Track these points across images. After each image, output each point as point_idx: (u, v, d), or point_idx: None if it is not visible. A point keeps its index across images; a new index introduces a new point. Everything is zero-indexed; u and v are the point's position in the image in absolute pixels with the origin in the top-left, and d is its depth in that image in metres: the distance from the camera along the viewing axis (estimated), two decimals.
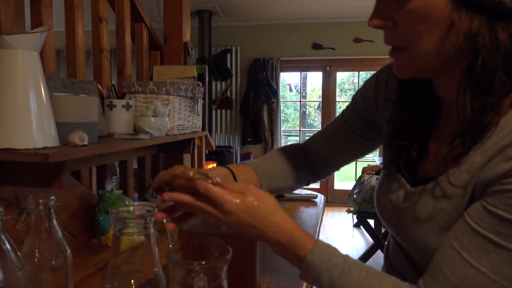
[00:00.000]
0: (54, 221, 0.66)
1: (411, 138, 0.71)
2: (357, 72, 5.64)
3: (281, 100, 5.50)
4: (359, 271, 0.61)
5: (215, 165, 4.80)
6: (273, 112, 5.34)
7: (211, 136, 3.32)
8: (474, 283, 0.55)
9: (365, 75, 5.82)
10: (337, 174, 5.78)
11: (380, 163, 3.95)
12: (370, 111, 0.85)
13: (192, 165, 1.97)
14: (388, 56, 0.76)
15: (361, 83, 0.97)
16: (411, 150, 0.71)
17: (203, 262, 0.55)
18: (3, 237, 0.56)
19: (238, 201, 0.60)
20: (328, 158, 0.97)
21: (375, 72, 0.86)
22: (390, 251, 0.82)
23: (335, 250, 0.63)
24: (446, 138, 0.65)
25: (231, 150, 4.91)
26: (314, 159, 0.97)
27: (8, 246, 0.56)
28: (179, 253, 0.62)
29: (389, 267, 0.81)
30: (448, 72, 0.61)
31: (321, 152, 0.96)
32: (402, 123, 0.72)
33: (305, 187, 1.05)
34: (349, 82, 7.90)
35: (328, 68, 5.41)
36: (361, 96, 0.87)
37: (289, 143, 1.06)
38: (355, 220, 4.15)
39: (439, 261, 0.59)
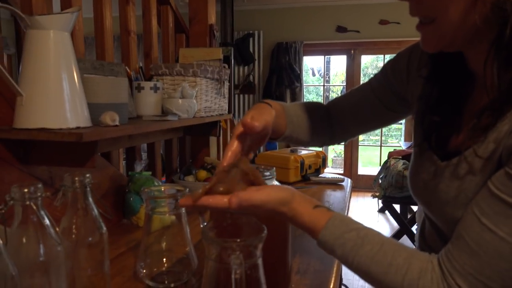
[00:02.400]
0: (90, 199, 0.66)
1: (443, 113, 0.70)
2: (381, 56, 5.51)
3: (304, 84, 5.44)
4: (372, 244, 0.60)
5: None
6: (296, 96, 5.29)
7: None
8: (491, 248, 0.54)
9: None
10: (360, 159, 5.72)
11: (406, 148, 3.88)
12: (400, 84, 0.84)
13: (218, 148, 1.97)
14: (415, 38, 0.74)
15: None
16: (442, 126, 0.70)
17: (239, 240, 0.54)
18: (42, 212, 0.56)
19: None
20: (348, 125, 0.95)
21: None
22: (425, 230, 0.81)
23: (349, 223, 0.62)
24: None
25: None
26: (334, 122, 0.96)
27: (47, 221, 0.57)
28: (213, 231, 0.61)
29: (424, 246, 0.81)
30: (477, 45, 0.60)
31: (343, 118, 0.95)
32: (434, 99, 0.71)
33: (330, 171, 1.04)
34: (372, 66, 7.75)
35: (352, 51, 5.31)
36: (391, 68, 0.85)
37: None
38: (380, 205, 4.12)
39: (459, 227, 0.59)
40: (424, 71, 0.73)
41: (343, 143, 1.07)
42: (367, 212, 4.44)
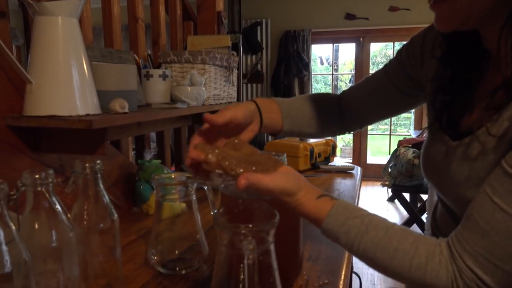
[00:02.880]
0: (101, 185, 0.66)
1: (454, 93, 0.69)
2: (391, 43, 5.43)
3: (312, 73, 5.40)
4: (377, 230, 0.59)
5: None
6: (304, 85, 5.25)
7: None
8: (503, 227, 0.53)
9: (401, 46, 5.62)
10: (369, 148, 5.68)
11: (416, 136, 3.84)
12: (414, 68, 0.82)
13: None
14: (425, 25, 0.72)
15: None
16: (454, 106, 0.69)
17: (251, 225, 0.54)
18: (54, 198, 0.56)
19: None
20: (363, 112, 0.94)
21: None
22: (437, 214, 0.80)
23: (353, 211, 0.61)
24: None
25: None
26: (347, 112, 0.95)
27: (59, 207, 0.56)
28: (225, 218, 0.61)
29: (436, 231, 0.80)
30: (492, 23, 0.59)
31: (357, 105, 0.94)
32: (447, 79, 0.70)
33: (339, 161, 1.03)
34: (381, 54, 7.65)
35: (361, 39, 5.25)
36: (406, 51, 0.84)
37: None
38: (389, 194, 4.10)
39: (470, 208, 0.57)
40: (438, 51, 0.72)
41: (357, 131, 1.07)
42: (376, 201, 4.43)
